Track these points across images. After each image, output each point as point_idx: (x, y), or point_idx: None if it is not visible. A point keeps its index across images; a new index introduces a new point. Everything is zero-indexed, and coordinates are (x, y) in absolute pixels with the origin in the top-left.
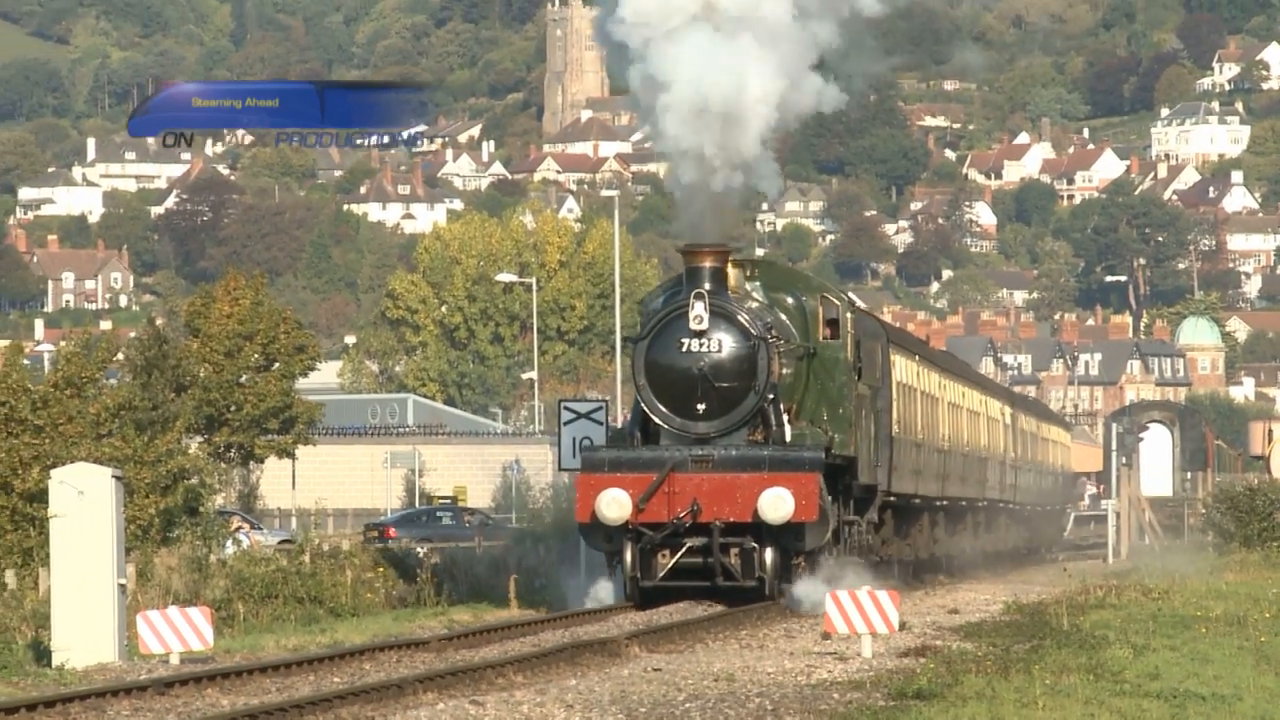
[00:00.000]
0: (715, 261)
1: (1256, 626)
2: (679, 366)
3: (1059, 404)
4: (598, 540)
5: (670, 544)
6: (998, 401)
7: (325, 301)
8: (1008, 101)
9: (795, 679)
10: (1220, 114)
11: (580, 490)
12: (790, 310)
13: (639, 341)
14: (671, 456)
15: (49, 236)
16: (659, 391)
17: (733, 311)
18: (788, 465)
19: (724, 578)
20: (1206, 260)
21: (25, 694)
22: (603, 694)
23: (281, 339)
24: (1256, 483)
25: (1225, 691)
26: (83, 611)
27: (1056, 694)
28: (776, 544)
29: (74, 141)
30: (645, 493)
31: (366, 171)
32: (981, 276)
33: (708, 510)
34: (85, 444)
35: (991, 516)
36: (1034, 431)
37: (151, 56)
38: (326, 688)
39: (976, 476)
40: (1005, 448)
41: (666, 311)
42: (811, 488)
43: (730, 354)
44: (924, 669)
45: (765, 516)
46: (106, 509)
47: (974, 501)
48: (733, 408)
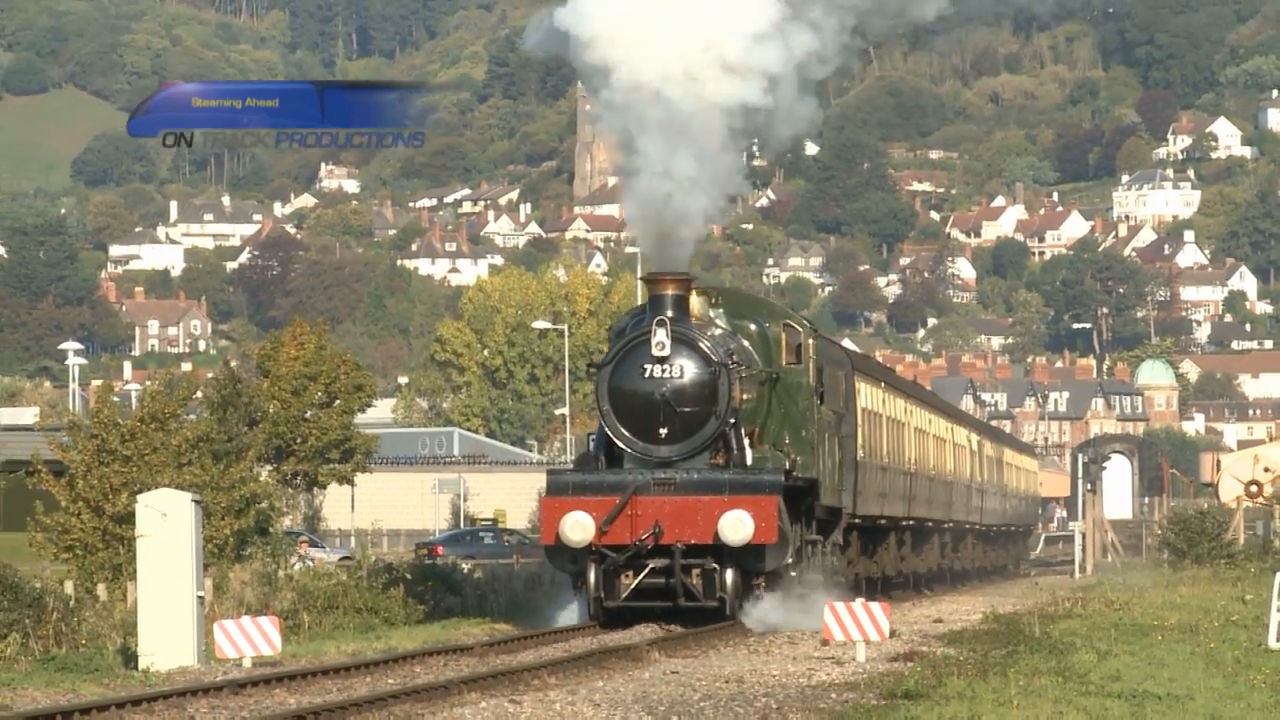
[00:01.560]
0: (677, 289)
1: (1206, 634)
2: (641, 391)
3: (1031, 437)
4: (562, 562)
5: (633, 565)
6: (964, 429)
7: (380, 346)
8: (986, 169)
9: (797, 680)
10: (1174, 180)
11: (545, 513)
12: (753, 336)
13: (602, 367)
14: (634, 480)
15: (136, 288)
16: (622, 416)
17: (694, 338)
18: (748, 488)
19: (686, 598)
20: (1162, 309)
21: (115, 693)
22: (627, 694)
23: (342, 379)
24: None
25: (1179, 692)
26: (165, 620)
27: (1029, 694)
28: (737, 565)
29: (158, 204)
30: (608, 516)
31: (417, 230)
32: (962, 324)
33: (669, 532)
34: (168, 472)
35: (958, 536)
36: (1000, 458)
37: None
38: (381, 688)
39: (943, 499)
40: (972, 472)
41: (629, 338)
42: (771, 510)
43: (692, 379)
44: (912, 672)
45: (726, 538)
46: (187, 529)
47: (940, 523)
48: (694, 432)
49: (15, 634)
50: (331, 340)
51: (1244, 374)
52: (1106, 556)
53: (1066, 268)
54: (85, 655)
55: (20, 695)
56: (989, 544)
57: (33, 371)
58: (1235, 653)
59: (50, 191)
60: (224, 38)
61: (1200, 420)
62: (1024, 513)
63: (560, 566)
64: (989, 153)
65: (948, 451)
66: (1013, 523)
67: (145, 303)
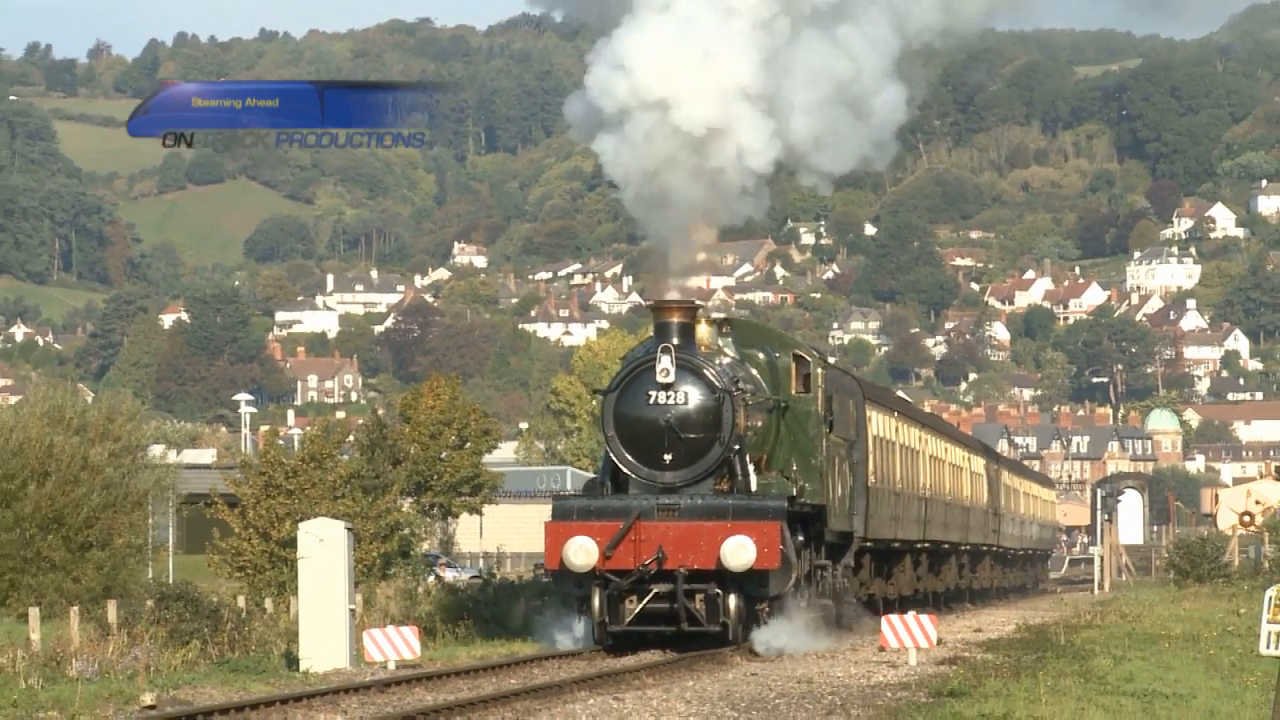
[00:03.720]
0: (683, 317)
1: (1206, 643)
2: (646, 418)
3: (1056, 474)
4: (567, 586)
5: (637, 590)
6: (982, 459)
7: (505, 397)
8: (1018, 246)
9: (858, 681)
10: (1178, 256)
11: (549, 538)
12: (761, 365)
13: (607, 393)
14: (638, 505)
15: (298, 348)
16: (627, 442)
17: (699, 365)
18: (751, 514)
19: (689, 623)
20: (1168, 366)
21: (279, 691)
22: (713, 692)
23: (472, 425)
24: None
25: (1183, 691)
26: (322, 629)
27: (1056, 693)
28: (740, 590)
29: (317, 277)
30: (612, 540)
31: (536, 300)
32: (998, 378)
33: (673, 558)
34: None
35: (977, 558)
36: (1017, 487)
37: (375, 213)
38: (505, 687)
39: (960, 522)
40: (989, 498)
41: (634, 365)
42: (773, 535)
43: (696, 406)
44: (955, 674)
45: (728, 564)
46: (341, 552)
47: (958, 545)
48: (699, 458)
49: (196, 641)
50: (463, 392)
51: (1238, 421)
52: (1121, 576)
53: (1087, 330)
54: (254, 659)
55: (199, 692)
56: (1007, 565)
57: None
58: (1231, 658)
59: (226, 267)
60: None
61: (1201, 460)
62: (1041, 537)
63: (565, 591)
64: (1021, 233)
65: (965, 479)
66: (1030, 546)
67: (306, 360)
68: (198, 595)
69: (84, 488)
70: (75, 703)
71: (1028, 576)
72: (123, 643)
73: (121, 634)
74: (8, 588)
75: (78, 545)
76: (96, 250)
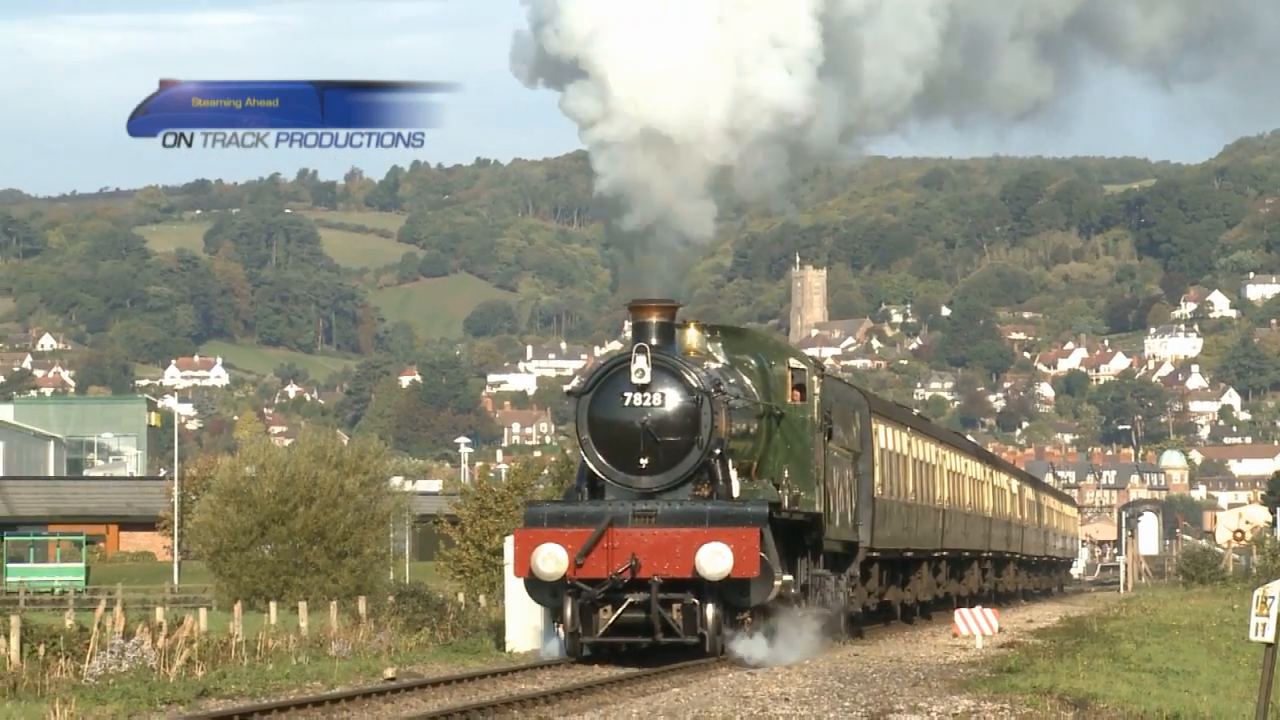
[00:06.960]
0: (661, 316)
1: (1208, 631)
2: (621, 420)
3: (1091, 501)
4: (541, 595)
5: (611, 599)
6: (1005, 475)
7: None
8: (1060, 324)
9: (937, 660)
10: (1184, 332)
11: (518, 545)
12: (753, 371)
13: (580, 395)
14: (611, 511)
15: (505, 403)
16: (601, 446)
17: (676, 366)
18: (729, 520)
19: (665, 634)
20: (1177, 416)
21: (490, 667)
22: (824, 669)
23: None
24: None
25: (1190, 669)
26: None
27: (1091, 670)
28: (719, 599)
29: (519, 348)
30: (583, 548)
31: None
32: (1046, 426)
33: (647, 566)
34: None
35: (1000, 565)
36: (1041, 503)
37: (564, 298)
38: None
39: (980, 532)
40: (1011, 511)
41: (609, 365)
42: (752, 543)
43: (674, 408)
44: (1013, 655)
45: (703, 572)
46: None
47: (979, 552)
48: (676, 462)
49: (426, 628)
50: None
51: (1233, 459)
52: (1141, 580)
53: (1114, 389)
54: (471, 642)
55: (429, 668)
56: (1031, 571)
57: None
58: (1227, 643)
59: (450, 340)
60: (562, 239)
61: (1203, 490)
62: (1062, 547)
63: (540, 600)
64: (1062, 313)
65: (986, 492)
66: (1053, 555)
67: (510, 412)
68: (428, 593)
69: (340, 509)
70: (334, 675)
71: (1052, 581)
72: (370, 629)
73: (369, 622)
74: (282, 586)
75: (336, 554)
76: (351, 327)
